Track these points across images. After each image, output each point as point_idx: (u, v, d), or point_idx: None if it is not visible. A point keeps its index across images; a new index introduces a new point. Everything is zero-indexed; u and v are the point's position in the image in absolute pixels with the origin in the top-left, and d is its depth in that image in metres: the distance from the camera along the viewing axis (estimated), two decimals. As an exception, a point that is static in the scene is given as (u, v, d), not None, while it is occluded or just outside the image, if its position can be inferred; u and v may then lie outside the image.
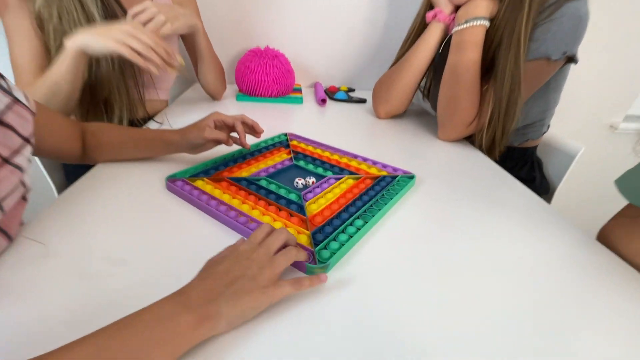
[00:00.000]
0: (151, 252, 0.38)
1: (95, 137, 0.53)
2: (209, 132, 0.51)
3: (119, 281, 0.34)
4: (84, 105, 0.68)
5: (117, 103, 0.70)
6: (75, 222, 0.41)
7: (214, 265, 0.32)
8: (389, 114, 0.91)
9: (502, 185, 0.60)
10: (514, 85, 0.66)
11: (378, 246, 0.42)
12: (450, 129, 0.76)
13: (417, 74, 0.83)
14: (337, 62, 1.18)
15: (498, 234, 0.46)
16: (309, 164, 0.59)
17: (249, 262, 0.32)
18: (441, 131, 0.78)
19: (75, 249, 0.37)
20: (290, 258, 0.34)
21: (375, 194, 0.50)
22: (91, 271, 0.34)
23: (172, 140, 0.54)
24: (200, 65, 0.87)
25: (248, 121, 0.56)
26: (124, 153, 0.55)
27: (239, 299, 0.29)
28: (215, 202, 0.46)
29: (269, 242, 0.34)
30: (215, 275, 0.30)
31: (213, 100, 0.96)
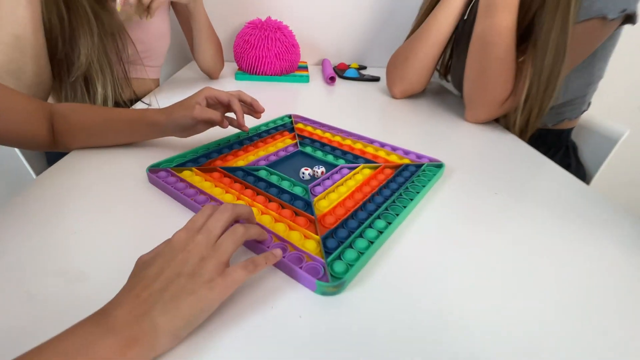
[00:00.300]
0: (121, 260, 0.30)
1: (66, 119, 0.45)
2: (199, 111, 0.42)
3: (77, 299, 0.26)
4: (59, 83, 0.59)
5: (100, 80, 0.61)
6: (30, 224, 0.34)
7: (144, 268, 0.25)
8: (405, 93, 0.81)
9: (542, 172, 0.51)
10: (558, 53, 0.56)
11: (405, 253, 0.33)
12: (481, 108, 0.66)
13: (437, 46, 0.73)
14: (347, 36, 1.07)
15: (549, 230, 0.37)
16: (317, 151, 0.50)
17: (185, 254, 0.25)
18: (469, 112, 0.68)
19: (25, 260, 0.29)
20: (238, 237, 0.27)
21: (398, 187, 0.41)
22: (41, 288, 0.27)
23: (157, 121, 0.45)
24: (198, 40, 0.79)
25: (246, 98, 0.47)
26: (99, 137, 0.47)
27: (179, 305, 0.22)
28: (203, 197, 0.37)
29: (209, 225, 0.27)
30: (144, 281, 0.23)
31: (210, 79, 0.87)
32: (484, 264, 0.33)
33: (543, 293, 0.30)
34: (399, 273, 0.31)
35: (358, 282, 0.30)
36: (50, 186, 0.40)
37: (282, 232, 0.33)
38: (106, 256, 0.31)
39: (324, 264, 0.30)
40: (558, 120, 0.70)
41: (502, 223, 0.39)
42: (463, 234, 0.36)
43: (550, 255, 0.34)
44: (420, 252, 0.34)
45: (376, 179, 0.43)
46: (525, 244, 0.36)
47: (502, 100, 0.63)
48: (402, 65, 0.77)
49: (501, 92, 0.62)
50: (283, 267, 0.30)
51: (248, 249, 0.32)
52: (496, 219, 0.40)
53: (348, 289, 0.29)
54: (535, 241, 0.36)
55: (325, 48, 1.08)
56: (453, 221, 0.38)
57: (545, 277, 0.32)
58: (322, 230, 0.34)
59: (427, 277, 0.31)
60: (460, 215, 0.40)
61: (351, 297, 0.28)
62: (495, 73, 0.62)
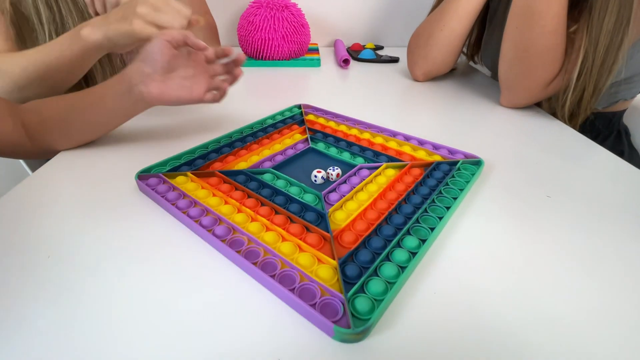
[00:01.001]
0: (105, 283, 0.25)
1: (37, 113, 0.40)
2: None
3: (59, 319, 0.21)
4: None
5: (100, 75, 0.58)
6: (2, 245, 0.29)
7: None
8: (429, 75, 0.72)
9: (598, 164, 0.42)
10: (621, 17, 0.46)
11: (444, 279, 0.26)
12: (522, 92, 0.56)
13: (466, 20, 0.63)
14: (361, 13, 0.97)
15: (620, 236, 0.30)
16: (331, 147, 0.43)
17: None
18: (506, 95, 0.59)
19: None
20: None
21: (430, 192, 0.34)
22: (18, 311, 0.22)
23: (123, 79, 0.38)
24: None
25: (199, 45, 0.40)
26: (74, 126, 0.41)
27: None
28: (196, 211, 0.31)
29: None
30: None
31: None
32: (547, 287, 0.26)
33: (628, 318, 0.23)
34: (440, 306, 0.24)
35: (388, 320, 0.23)
36: (30, 193, 0.35)
37: (290, 255, 0.27)
38: (87, 281, 0.25)
39: (343, 301, 0.23)
40: (612, 102, 0.60)
41: (562, 234, 0.31)
42: (515, 251, 0.29)
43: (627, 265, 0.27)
44: (465, 277, 0.27)
45: (402, 182, 0.36)
46: (596, 257, 0.28)
47: (548, 81, 0.53)
48: (426, 44, 0.68)
49: (548, 73, 0.53)
50: (291, 303, 0.24)
51: (236, 264, 0.26)
52: (554, 228, 0.32)
53: (375, 332, 0.23)
54: (609, 250, 0.29)
55: (337, 27, 0.99)
56: (501, 234, 0.31)
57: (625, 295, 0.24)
58: (339, 252, 0.28)
59: (476, 310, 0.24)
60: (509, 225, 0.32)
61: (380, 342, 0.22)
62: (540, 50, 0.52)
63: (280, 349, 0.22)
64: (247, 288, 0.25)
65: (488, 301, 0.25)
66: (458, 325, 0.23)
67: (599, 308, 0.25)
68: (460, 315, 0.24)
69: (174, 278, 0.26)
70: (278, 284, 0.24)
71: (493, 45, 0.65)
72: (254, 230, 0.29)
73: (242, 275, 0.26)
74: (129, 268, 0.27)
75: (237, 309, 0.24)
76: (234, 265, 0.27)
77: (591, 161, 0.44)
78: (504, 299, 0.25)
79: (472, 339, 0.22)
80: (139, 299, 0.25)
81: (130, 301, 0.24)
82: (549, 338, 0.23)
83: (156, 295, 0.25)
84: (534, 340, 0.22)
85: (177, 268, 0.27)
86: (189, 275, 0.26)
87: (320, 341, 0.22)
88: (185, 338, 0.22)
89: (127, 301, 0.24)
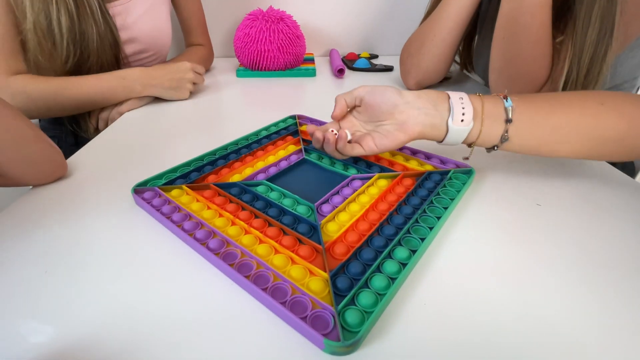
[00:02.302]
0: (101, 300, 0.25)
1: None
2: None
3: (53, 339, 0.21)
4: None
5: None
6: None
7: None
8: (422, 84, 0.73)
9: (586, 171, 0.43)
10: (603, 30, 0.47)
11: (435, 289, 0.27)
12: (511, 99, 0.57)
13: (455, 29, 0.64)
14: (356, 22, 0.99)
15: (616, 243, 0.30)
16: (324, 158, 0.43)
17: None
18: (497, 103, 0.60)
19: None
20: None
21: (421, 202, 0.35)
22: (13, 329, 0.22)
23: None
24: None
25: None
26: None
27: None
28: (190, 224, 0.32)
29: None
30: None
31: (207, 74, 0.82)
32: (538, 296, 0.26)
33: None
34: (430, 317, 0.25)
35: (378, 332, 0.24)
36: (23, 211, 0.35)
37: (282, 268, 0.28)
38: (84, 299, 0.26)
39: (333, 313, 0.24)
40: (602, 109, 0.61)
41: (553, 242, 0.32)
42: (506, 260, 0.30)
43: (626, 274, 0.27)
44: (455, 287, 0.27)
45: (394, 193, 0.37)
46: (588, 265, 0.29)
47: (536, 90, 0.54)
48: (417, 52, 0.69)
49: (535, 79, 0.54)
50: (283, 316, 0.24)
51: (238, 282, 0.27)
52: (545, 236, 0.32)
53: (366, 344, 0.23)
54: (600, 258, 0.29)
55: (332, 37, 1.01)
56: (492, 243, 0.32)
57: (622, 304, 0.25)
58: (331, 264, 0.28)
59: (467, 320, 0.24)
60: (500, 234, 0.33)
61: (370, 354, 0.22)
62: (526, 60, 0.53)
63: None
64: (239, 301, 0.26)
65: (479, 311, 0.25)
66: (448, 336, 0.24)
67: (592, 315, 0.25)
68: (450, 326, 0.24)
69: (168, 291, 0.27)
70: (270, 298, 0.24)
71: (484, 54, 0.66)
72: (247, 243, 0.30)
73: (235, 288, 0.27)
74: (124, 280, 0.27)
75: (229, 322, 0.24)
76: (227, 278, 0.28)
77: (582, 169, 0.44)
78: (495, 308, 0.26)
79: (463, 350, 0.23)
80: (134, 310, 0.25)
81: (125, 313, 0.25)
82: (541, 348, 0.23)
83: (150, 307, 0.25)
84: (526, 350, 0.23)
85: (171, 281, 0.27)
86: (183, 288, 0.27)
87: (311, 354, 0.23)
88: (176, 350, 0.22)
89: (123, 313, 0.25)
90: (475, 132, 0.36)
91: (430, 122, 0.36)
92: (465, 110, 0.35)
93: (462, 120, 0.35)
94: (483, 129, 0.36)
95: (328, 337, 0.22)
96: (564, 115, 0.36)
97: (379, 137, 0.37)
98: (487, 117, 0.36)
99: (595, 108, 0.36)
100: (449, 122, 0.35)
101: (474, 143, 0.37)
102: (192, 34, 0.82)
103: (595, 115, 0.36)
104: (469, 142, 0.37)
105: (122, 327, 0.24)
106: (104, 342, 0.23)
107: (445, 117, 0.36)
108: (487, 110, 0.36)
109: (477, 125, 0.36)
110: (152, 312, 0.25)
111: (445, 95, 0.37)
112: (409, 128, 0.36)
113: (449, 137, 0.36)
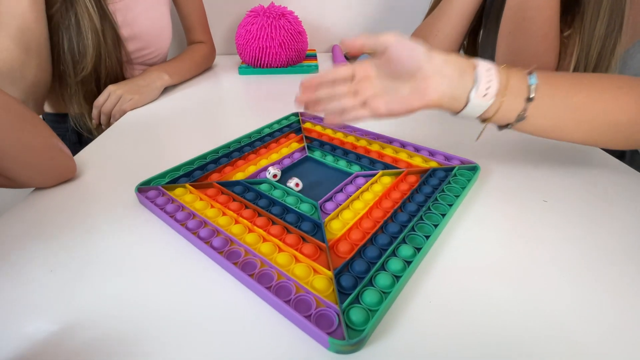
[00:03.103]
0: (106, 299, 0.25)
1: None
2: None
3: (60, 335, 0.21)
4: (74, 89, 0.61)
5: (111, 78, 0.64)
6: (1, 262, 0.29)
7: None
8: (426, 79, 0.72)
9: (595, 167, 0.42)
10: (612, 24, 0.46)
11: (441, 287, 0.27)
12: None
13: (459, 25, 0.63)
14: (359, 17, 0.98)
15: (612, 235, 0.30)
16: (327, 156, 0.43)
17: None
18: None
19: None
20: None
21: (425, 199, 0.35)
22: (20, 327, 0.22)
23: None
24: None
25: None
26: None
27: None
28: (194, 223, 0.32)
29: None
30: None
31: (209, 71, 0.82)
32: (545, 293, 0.26)
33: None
34: (435, 315, 0.25)
35: (383, 331, 0.24)
36: (27, 209, 0.36)
37: (286, 267, 0.27)
38: (88, 300, 0.26)
39: (337, 312, 0.24)
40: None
41: (559, 239, 0.31)
42: (512, 257, 0.29)
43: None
44: (460, 285, 0.27)
45: (398, 190, 0.36)
46: (596, 262, 0.28)
47: (543, 84, 0.53)
48: (422, 47, 0.68)
49: (541, 74, 0.53)
50: (287, 315, 0.24)
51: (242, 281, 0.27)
52: (551, 233, 0.32)
53: (370, 342, 0.23)
54: (608, 255, 0.29)
55: (335, 32, 1.00)
56: (497, 240, 0.31)
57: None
58: (335, 262, 0.28)
59: (472, 318, 0.24)
60: (505, 231, 0.32)
61: (375, 353, 0.22)
62: (533, 55, 0.52)
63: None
64: (244, 299, 0.26)
65: (484, 309, 0.25)
66: (454, 334, 0.23)
67: (601, 312, 0.25)
68: (455, 324, 0.24)
69: (172, 289, 0.27)
70: (274, 296, 0.24)
71: (489, 49, 0.65)
72: (250, 242, 0.30)
73: (239, 286, 0.27)
74: (128, 279, 0.27)
75: (233, 320, 0.24)
76: (231, 276, 0.28)
77: (590, 164, 0.44)
78: (500, 305, 0.25)
79: (469, 348, 0.23)
80: (138, 308, 0.25)
81: (130, 311, 0.25)
82: (548, 344, 0.23)
83: (154, 305, 0.25)
84: (532, 348, 0.23)
85: (175, 279, 0.28)
86: (187, 287, 0.27)
87: (315, 352, 0.23)
88: (180, 348, 0.22)
89: (127, 311, 0.25)
90: (494, 108, 0.33)
91: (451, 93, 0.32)
92: (491, 84, 0.32)
93: (485, 94, 0.32)
94: (503, 105, 0.33)
95: (333, 336, 0.22)
96: (583, 96, 0.34)
97: (389, 99, 0.33)
98: (509, 93, 0.33)
99: (613, 91, 0.35)
100: (471, 95, 0.32)
101: (489, 119, 0.34)
102: (193, 32, 0.82)
103: (613, 98, 0.35)
104: (485, 118, 0.34)
105: (127, 325, 0.24)
106: (109, 340, 0.23)
107: (468, 88, 0.32)
108: (511, 86, 0.33)
109: (498, 100, 0.33)
110: (157, 310, 0.25)
111: (472, 64, 0.33)
112: (427, 96, 0.32)
113: (466, 110, 0.33)
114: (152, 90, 0.64)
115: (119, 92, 0.60)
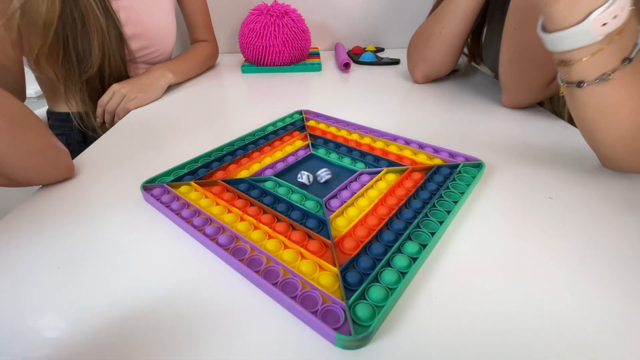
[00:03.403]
0: (109, 300, 0.25)
1: None
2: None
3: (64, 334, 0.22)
4: (78, 87, 0.61)
5: (115, 77, 0.64)
6: (10, 258, 0.30)
7: None
8: (429, 77, 0.72)
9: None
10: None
11: (446, 283, 0.27)
12: (522, 92, 0.56)
13: (463, 21, 0.63)
14: (362, 15, 0.98)
15: (618, 233, 0.29)
16: (332, 153, 0.43)
17: None
18: (508, 96, 0.59)
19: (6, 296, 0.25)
20: None
21: (430, 196, 0.35)
22: (27, 324, 0.23)
23: None
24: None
25: None
26: None
27: None
28: (200, 220, 0.32)
29: None
30: None
31: (212, 70, 0.82)
32: (550, 290, 0.26)
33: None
34: (441, 311, 0.25)
35: (389, 327, 0.24)
36: (34, 207, 0.36)
37: (292, 263, 0.28)
38: (91, 300, 0.26)
39: (344, 308, 0.24)
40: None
41: (565, 236, 0.31)
42: (517, 254, 0.29)
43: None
44: (466, 281, 0.27)
45: (403, 187, 0.36)
46: (601, 260, 0.28)
47: (548, 81, 0.53)
48: (425, 46, 0.68)
49: (547, 73, 0.53)
50: (293, 311, 0.24)
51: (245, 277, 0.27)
52: (557, 230, 0.32)
53: (377, 338, 0.23)
54: (614, 253, 0.29)
55: (338, 31, 1.00)
56: (503, 236, 0.31)
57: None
58: (340, 259, 0.28)
59: (478, 315, 0.24)
60: (511, 228, 0.32)
61: (382, 348, 0.22)
62: (539, 51, 0.52)
63: (282, 356, 0.22)
64: (250, 296, 0.26)
65: (490, 305, 0.25)
66: (460, 330, 0.23)
67: (605, 310, 0.25)
68: (461, 320, 0.24)
69: (179, 286, 0.27)
70: (280, 292, 0.24)
71: (493, 46, 0.65)
72: (256, 239, 0.30)
73: (246, 283, 0.27)
74: (135, 276, 0.28)
75: (240, 317, 0.24)
76: (237, 273, 0.28)
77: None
78: (506, 303, 0.25)
79: (474, 345, 0.23)
80: (145, 305, 0.25)
81: (137, 308, 0.25)
82: (553, 342, 0.23)
83: (161, 302, 0.25)
84: (538, 344, 0.23)
85: (181, 276, 0.28)
86: (193, 284, 0.27)
87: (322, 348, 0.23)
88: (186, 345, 0.23)
89: (134, 308, 0.25)
90: (588, 50, 0.27)
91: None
92: (617, 19, 0.26)
93: (604, 23, 0.26)
94: (599, 54, 0.27)
95: (339, 332, 0.22)
96: None
97: None
98: (614, 43, 0.27)
99: None
100: (590, 16, 0.26)
101: (571, 64, 0.28)
102: (197, 30, 0.82)
103: None
104: (568, 60, 0.29)
105: (133, 322, 0.24)
106: (116, 337, 0.23)
107: (591, 8, 0.26)
108: (622, 36, 0.27)
109: (600, 45, 0.27)
110: (164, 307, 0.25)
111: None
112: None
113: (565, 33, 0.28)
114: (156, 88, 0.65)
115: (123, 91, 0.61)
